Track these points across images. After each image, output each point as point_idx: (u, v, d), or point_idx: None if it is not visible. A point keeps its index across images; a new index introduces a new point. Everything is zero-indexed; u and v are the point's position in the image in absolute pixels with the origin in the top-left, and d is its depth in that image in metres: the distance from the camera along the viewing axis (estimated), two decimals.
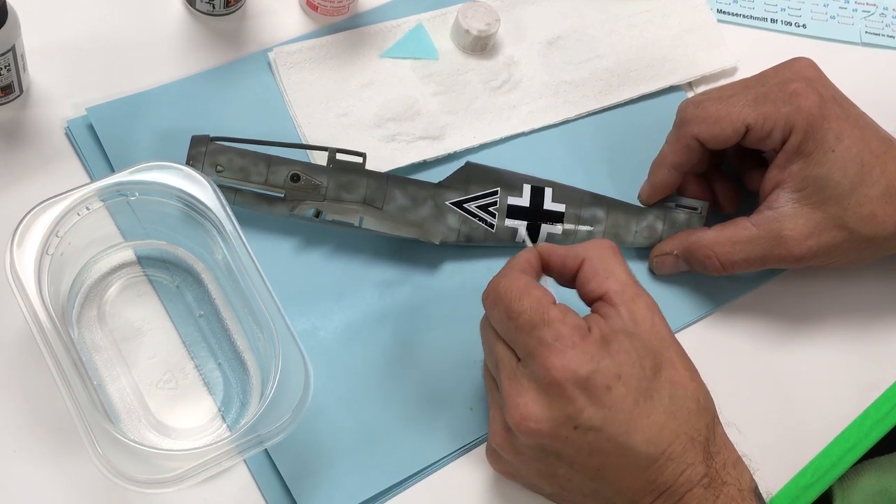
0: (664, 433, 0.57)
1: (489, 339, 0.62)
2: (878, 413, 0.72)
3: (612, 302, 0.60)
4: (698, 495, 0.57)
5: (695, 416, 0.58)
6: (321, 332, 0.69)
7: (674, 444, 0.57)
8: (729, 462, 0.59)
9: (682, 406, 0.58)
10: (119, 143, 0.70)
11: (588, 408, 0.56)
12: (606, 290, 0.60)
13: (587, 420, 0.56)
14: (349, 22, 0.79)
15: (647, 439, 0.57)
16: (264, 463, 0.64)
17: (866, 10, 0.88)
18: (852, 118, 0.68)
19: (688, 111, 0.70)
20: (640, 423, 0.57)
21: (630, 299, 0.60)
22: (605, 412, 0.56)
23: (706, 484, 0.58)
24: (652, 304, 0.60)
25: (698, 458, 0.58)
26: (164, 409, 0.64)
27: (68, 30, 0.74)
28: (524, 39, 0.80)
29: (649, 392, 0.57)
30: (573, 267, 0.62)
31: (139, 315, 0.66)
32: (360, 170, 0.70)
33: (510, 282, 0.60)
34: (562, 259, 0.62)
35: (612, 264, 0.61)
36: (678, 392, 0.58)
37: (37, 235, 0.59)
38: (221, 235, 0.62)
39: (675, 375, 0.59)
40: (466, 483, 0.66)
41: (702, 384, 0.60)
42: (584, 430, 0.57)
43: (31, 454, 0.62)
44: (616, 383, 0.57)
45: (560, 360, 0.56)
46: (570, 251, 0.62)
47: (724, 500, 0.58)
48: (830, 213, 0.68)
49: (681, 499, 0.57)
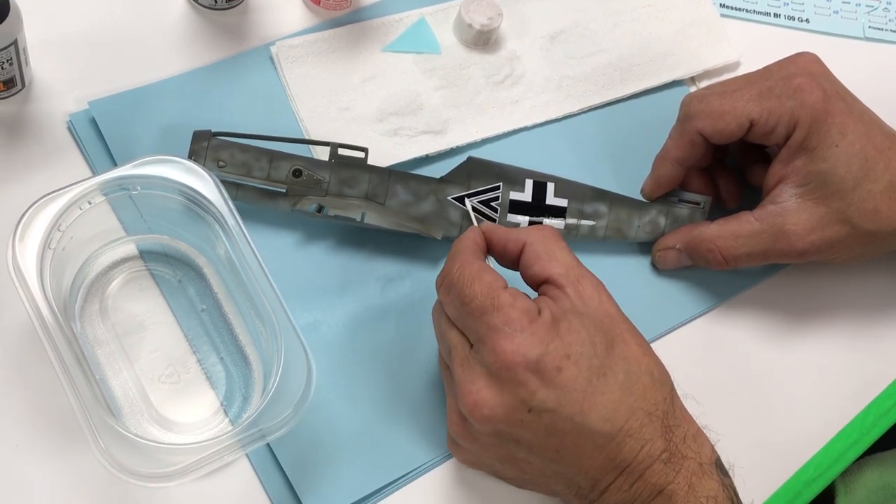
0: (620, 410, 0.57)
1: (442, 325, 0.61)
2: (881, 408, 0.72)
3: (559, 284, 0.60)
4: (658, 471, 0.57)
5: (650, 390, 0.58)
6: (323, 327, 0.69)
7: (630, 420, 0.57)
8: (689, 435, 0.59)
9: (637, 381, 0.58)
10: (121, 137, 0.70)
11: (540, 390, 0.56)
12: (551, 274, 0.60)
13: (540, 402, 0.56)
14: (351, 16, 0.78)
15: (603, 417, 0.57)
16: (266, 457, 0.64)
17: (870, 5, 0.88)
18: (856, 113, 0.68)
19: (691, 106, 0.70)
20: (595, 401, 0.57)
21: (576, 280, 0.60)
22: (557, 393, 0.56)
23: (666, 459, 0.57)
24: (597, 284, 0.61)
25: (657, 434, 0.58)
26: (167, 403, 0.64)
27: (71, 24, 0.74)
28: (527, 34, 0.80)
29: (602, 370, 0.57)
30: (514, 251, 0.62)
31: (141, 309, 0.66)
32: (362, 165, 0.70)
33: (462, 266, 0.60)
34: (503, 242, 0.63)
35: (553, 248, 0.61)
36: (632, 368, 0.58)
37: (39, 229, 0.59)
38: (224, 230, 0.62)
39: (628, 351, 0.59)
40: (470, 477, 0.66)
41: (655, 357, 0.60)
42: (539, 413, 0.57)
43: (34, 448, 0.62)
44: (567, 363, 0.57)
45: (509, 345, 0.56)
46: (511, 234, 0.62)
47: (685, 474, 0.58)
48: (834, 208, 0.68)
49: (641, 475, 0.57)
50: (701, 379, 0.66)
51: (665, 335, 0.72)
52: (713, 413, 0.62)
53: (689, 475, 0.58)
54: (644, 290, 0.74)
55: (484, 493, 0.66)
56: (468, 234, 0.63)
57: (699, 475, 0.58)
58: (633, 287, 0.73)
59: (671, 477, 0.57)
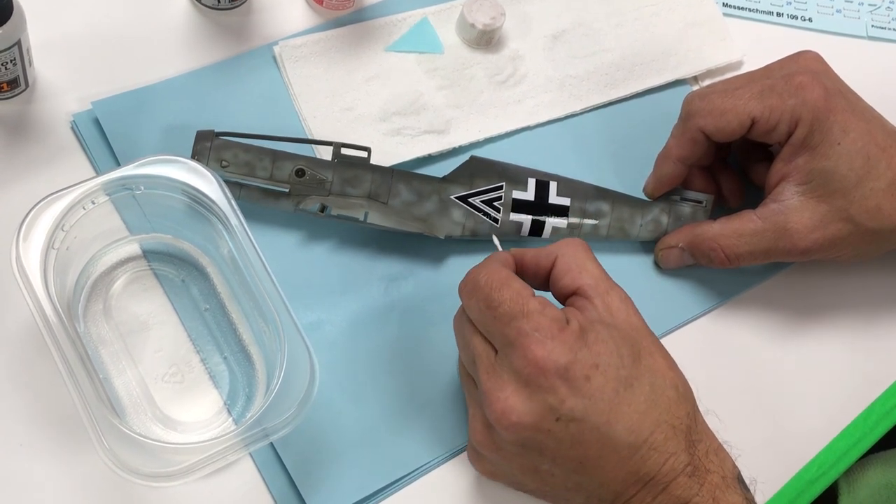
0: (646, 422, 0.57)
1: (465, 333, 0.61)
2: (884, 407, 0.72)
3: (587, 295, 0.60)
4: (683, 484, 0.57)
5: (675, 404, 0.58)
6: (326, 326, 0.69)
7: (655, 432, 0.57)
8: (711, 450, 0.59)
9: (662, 394, 0.58)
10: (124, 137, 0.70)
11: (569, 398, 0.56)
12: (581, 285, 0.60)
13: (569, 410, 0.56)
14: (354, 16, 0.79)
15: (629, 428, 0.57)
16: (270, 456, 0.64)
17: (872, 4, 0.88)
18: (858, 111, 0.68)
19: (693, 104, 0.70)
20: (621, 411, 0.57)
21: (604, 292, 0.60)
22: (586, 402, 0.56)
23: (690, 472, 0.57)
24: (625, 297, 0.61)
25: (681, 447, 0.57)
26: (170, 402, 0.64)
27: (74, 24, 0.74)
28: (529, 33, 0.80)
29: (629, 381, 0.57)
30: (546, 265, 0.62)
31: (145, 309, 0.67)
32: (364, 164, 0.70)
33: (490, 272, 0.60)
34: (535, 258, 0.63)
35: (584, 260, 0.61)
36: (658, 380, 0.58)
37: (42, 229, 0.59)
38: (227, 229, 0.62)
39: (654, 364, 0.59)
40: (474, 477, 0.66)
41: (679, 372, 0.60)
42: (566, 422, 0.57)
43: (37, 448, 0.62)
44: (595, 373, 0.57)
45: (541, 350, 0.56)
46: (541, 251, 0.63)
47: (708, 488, 0.57)
48: (836, 205, 0.68)
49: (665, 488, 0.57)
50: (703, 378, 0.66)
51: (668, 334, 0.72)
52: (715, 412, 0.62)
53: (712, 489, 0.57)
54: (646, 289, 0.74)
55: (487, 493, 0.66)
56: (498, 252, 0.63)
57: (723, 489, 0.58)
58: (635, 286, 0.72)
59: (695, 490, 0.57)
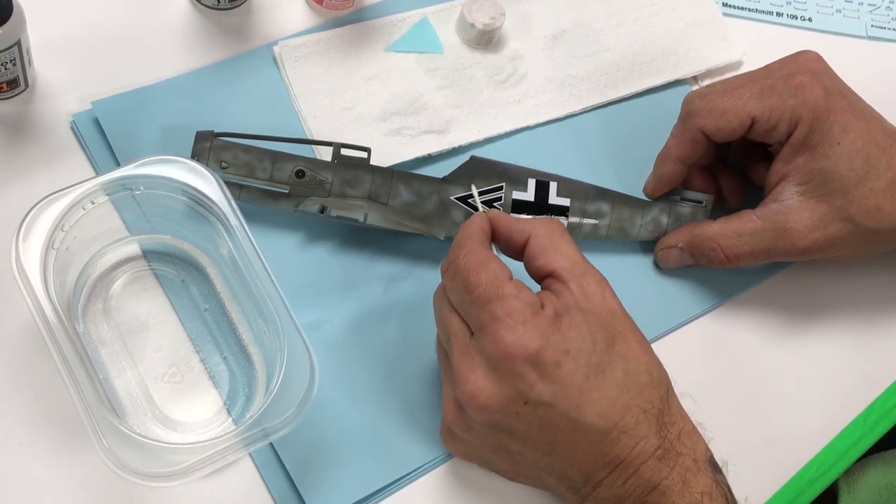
0: (616, 406, 0.57)
1: (443, 310, 0.61)
2: (884, 407, 0.72)
3: (562, 278, 0.60)
4: (652, 467, 0.58)
5: (648, 388, 0.58)
6: (326, 326, 0.69)
7: (626, 417, 0.57)
8: (684, 432, 0.59)
9: (635, 379, 0.58)
10: (124, 137, 0.70)
11: (538, 384, 0.57)
12: (555, 268, 0.60)
13: (537, 395, 0.57)
14: (354, 16, 0.79)
15: (599, 413, 0.57)
16: (269, 456, 0.64)
17: (872, 4, 0.88)
18: (858, 111, 0.68)
19: (693, 104, 0.70)
20: (591, 397, 0.57)
21: (580, 275, 0.60)
22: (555, 387, 0.57)
23: (660, 456, 0.58)
24: (601, 280, 0.61)
25: (652, 430, 0.58)
26: (170, 402, 0.64)
27: (73, 24, 0.74)
28: (529, 33, 0.80)
29: (601, 367, 0.57)
30: (519, 241, 0.62)
31: (145, 309, 0.67)
32: (364, 165, 0.70)
33: (469, 253, 0.60)
34: (508, 231, 0.62)
35: (558, 242, 0.61)
36: (631, 366, 0.58)
37: (42, 230, 0.59)
38: (227, 230, 0.62)
39: (628, 349, 0.59)
40: (473, 477, 0.66)
41: (654, 357, 0.60)
42: (535, 406, 0.57)
43: (37, 448, 0.62)
44: (565, 359, 0.57)
45: (511, 336, 0.57)
46: (517, 224, 0.62)
47: (678, 470, 0.58)
48: (836, 205, 0.68)
49: (636, 471, 0.58)
50: (703, 378, 0.66)
51: (667, 334, 0.72)
52: (715, 412, 0.62)
53: (683, 471, 0.58)
54: (646, 289, 0.74)
55: (486, 493, 0.66)
56: (475, 220, 0.62)
57: (693, 471, 0.58)
58: (635, 286, 0.73)
59: (665, 473, 0.58)
